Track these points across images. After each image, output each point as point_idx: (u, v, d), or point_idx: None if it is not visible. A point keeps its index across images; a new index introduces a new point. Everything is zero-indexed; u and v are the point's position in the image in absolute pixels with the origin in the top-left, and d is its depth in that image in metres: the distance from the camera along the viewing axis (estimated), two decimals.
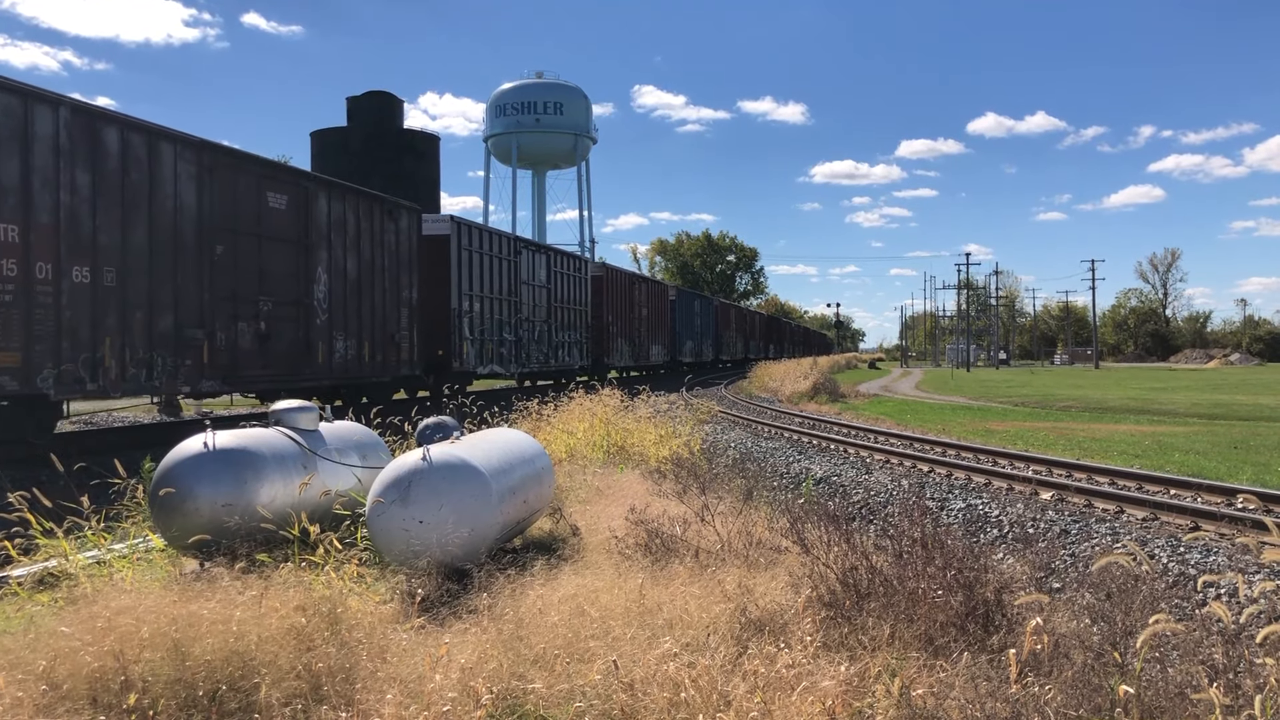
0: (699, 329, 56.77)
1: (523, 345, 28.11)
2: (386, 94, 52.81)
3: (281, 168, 17.63)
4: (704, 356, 58.57)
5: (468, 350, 24.15)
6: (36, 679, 4.10)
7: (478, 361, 24.78)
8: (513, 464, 7.36)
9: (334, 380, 18.64)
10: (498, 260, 26.29)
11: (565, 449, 12.61)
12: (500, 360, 26.34)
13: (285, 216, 16.91)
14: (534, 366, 29.42)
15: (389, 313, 20.67)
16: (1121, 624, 4.23)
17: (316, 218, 17.87)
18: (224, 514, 6.43)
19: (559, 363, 31.65)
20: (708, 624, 4.91)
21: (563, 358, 32.08)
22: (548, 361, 30.52)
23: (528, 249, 29.34)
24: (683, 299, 53.54)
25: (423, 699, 4.01)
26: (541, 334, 30.03)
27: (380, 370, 20.28)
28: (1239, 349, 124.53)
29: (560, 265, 32.40)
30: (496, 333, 26.05)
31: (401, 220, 21.52)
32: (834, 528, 5.80)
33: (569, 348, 32.87)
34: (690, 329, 54.36)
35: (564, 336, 32.37)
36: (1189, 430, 22.12)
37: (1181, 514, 10.23)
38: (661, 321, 46.84)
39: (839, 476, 14.56)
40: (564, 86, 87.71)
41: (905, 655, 4.54)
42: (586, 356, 34.78)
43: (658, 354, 45.90)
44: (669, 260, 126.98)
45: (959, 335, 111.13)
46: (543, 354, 30.05)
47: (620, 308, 39.24)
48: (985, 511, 11.32)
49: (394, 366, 20.87)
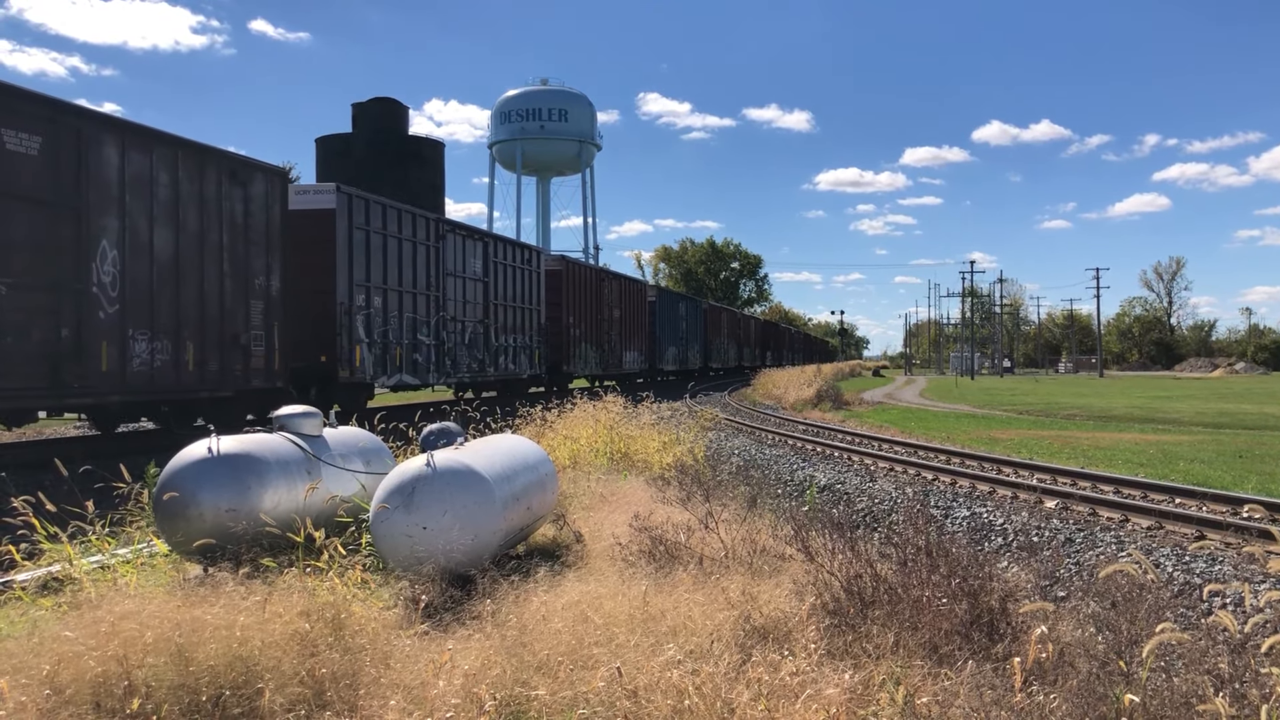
0: (684, 334, 52.35)
1: (448, 350, 23.52)
2: (391, 100, 52.94)
3: (29, 96, 12.33)
4: (690, 364, 53.94)
5: (362, 356, 19.50)
6: (40, 683, 4.10)
7: (378, 370, 20.29)
8: (516, 470, 7.36)
9: (130, 394, 13.91)
10: (410, 245, 21.69)
11: (569, 455, 12.61)
12: (414, 368, 21.87)
13: (34, 166, 12.10)
14: (464, 375, 24.73)
15: (231, 306, 15.63)
16: (1127, 633, 4.22)
17: (99, 172, 13.09)
18: (228, 519, 6.43)
19: (500, 370, 27.12)
20: (711, 631, 4.91)
21: (506, 365, 27.37)
22: (484, 369, 25.89)
23: (456, 233, 24.50)
24: (665, 300, 49.08)
25: (426, 705, 4.00)
26: (476, 337, 25.35)
27: (216, 382, 15.41)
28: (1244, 358, 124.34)
29: (502, 255, 27.40)
30: (408, 334, 21.57)
31: (254, 185, 16.39)
32: (838, 535, 5.79)
33: (515, 353, 28.11)
34: (674, 334, 50.03)
35: (508, 340, 27.59)
36: (1194, 439, 22.07)
37: (1187, 523, 10.20)
38: (638, 325, 42.10)
39: (843, 484, 14.54)
40: (568, 93, 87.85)
41: (910, 663, 4.53)
42: (539, 364, 30.15)
43: (633, 361, 41.02)
44: (673, 267, 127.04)
45: (963, 343, 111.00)
46: (477, 361, 25.36)
47: (585, 308, 34.60)
48: (990, 520, 11.30)
49: (238, 378, 15.85)
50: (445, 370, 23.45)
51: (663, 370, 48.16)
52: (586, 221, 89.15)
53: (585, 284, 35.02)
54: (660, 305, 46.89)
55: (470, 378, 25.33)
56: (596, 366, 35.82)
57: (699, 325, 56.48)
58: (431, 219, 22.99)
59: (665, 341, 47.69)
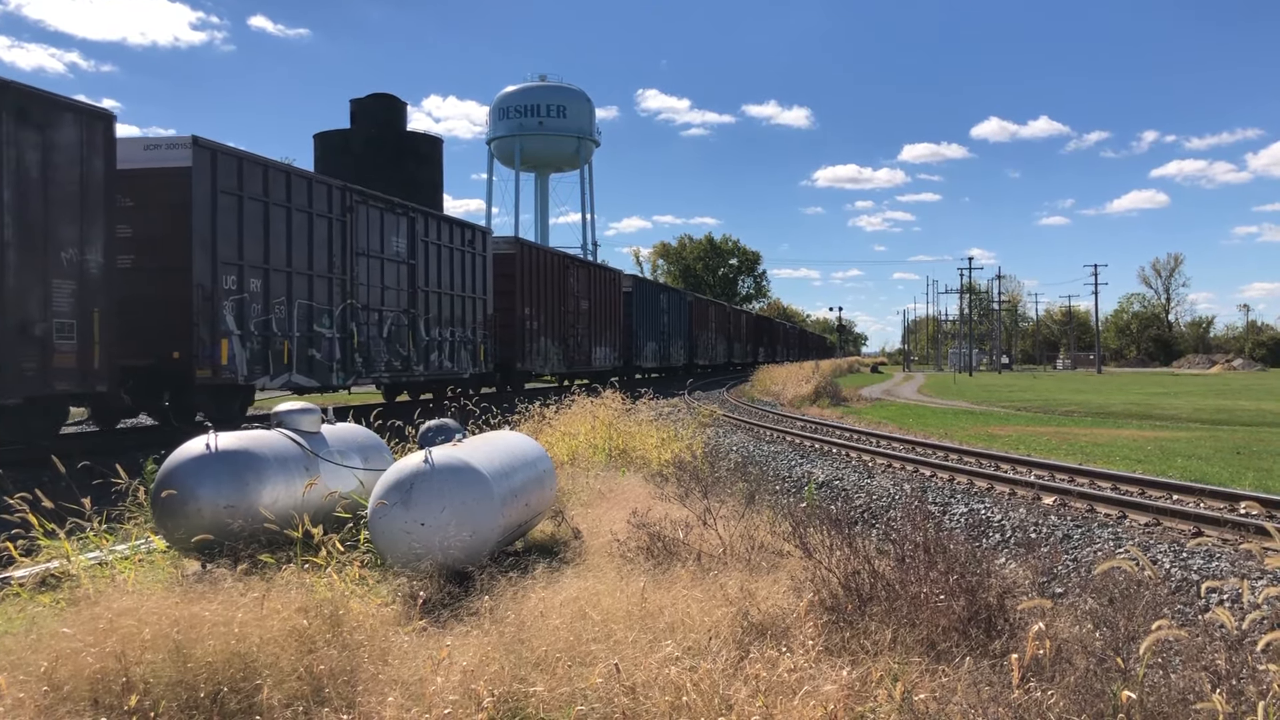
0: (666, 328, 48.27)
1: (359, 345, 19.70)
2: (389, 96, 52.86)
3: None
4: (672, 361, 49.83)
5: (232, 352, 15.71)
6: (38, 680, 4.10)
7: (257, 369, 16.51)
8: (515, 467, 7.36)
9: None
10: (306, 216, 17.68)
11: (567, 452, 12.61)
12: (310, 367, 18.03)
13: None
14: (382, 375, 20.98)
15: (17, 286, 11.90)
16: (1124, 629, 4.22)
17: None
18: (226, 515, 6.43)
19: (433, 369, 23.04)
20: (709, 628, 4.91)
21: (440, 362, 23.32)
22: (410, 368, 22.00)
23: (371, 205, 20.46)
24: (643, 292, 44.89)
25: (424, 701, 4.01)
26: (398, 330, 21.47)
27: None
28: (1242, 354, 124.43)
29: (435, 233, 23.15)
30: (302, 326, 17.67)
31: (61, 131, 12.53)
32: (836, 532, 5.80)
33: (455, 349, 24.10)
34: (654, 328, 45.90)
35: (445, 334, 23.54)
36: (1192, 436, 22.09)
37: (1184, 519, 10.21)
38: (611, 318, 38.00)
39: (841, 480, 14.54)
40: (567, 89, 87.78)
41: (907, 660, 4.53)
42: (486, 361, 25.95)
43: (604, 358, 36.86)
44: (671, 264, 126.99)
45: (961, 340, 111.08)
46: (400, 358, 21.62)
47: (546, 298, 30.41)
48: (987, 516, 11.31)
49: (31, 379, 12.16)
50: (354, 369, 19.42)
51: (641, 368, 44.22)
52: (585, 218, 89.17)
53: (546, 271, 30.58)
54: (638, 297, 42.94)
55: (391, 377, 21.62)
56: (560, 364, 31.72)
57: (683, 319, 52.81)
58: (337, 186, 18.91)
59: (643, 336, 43.68)
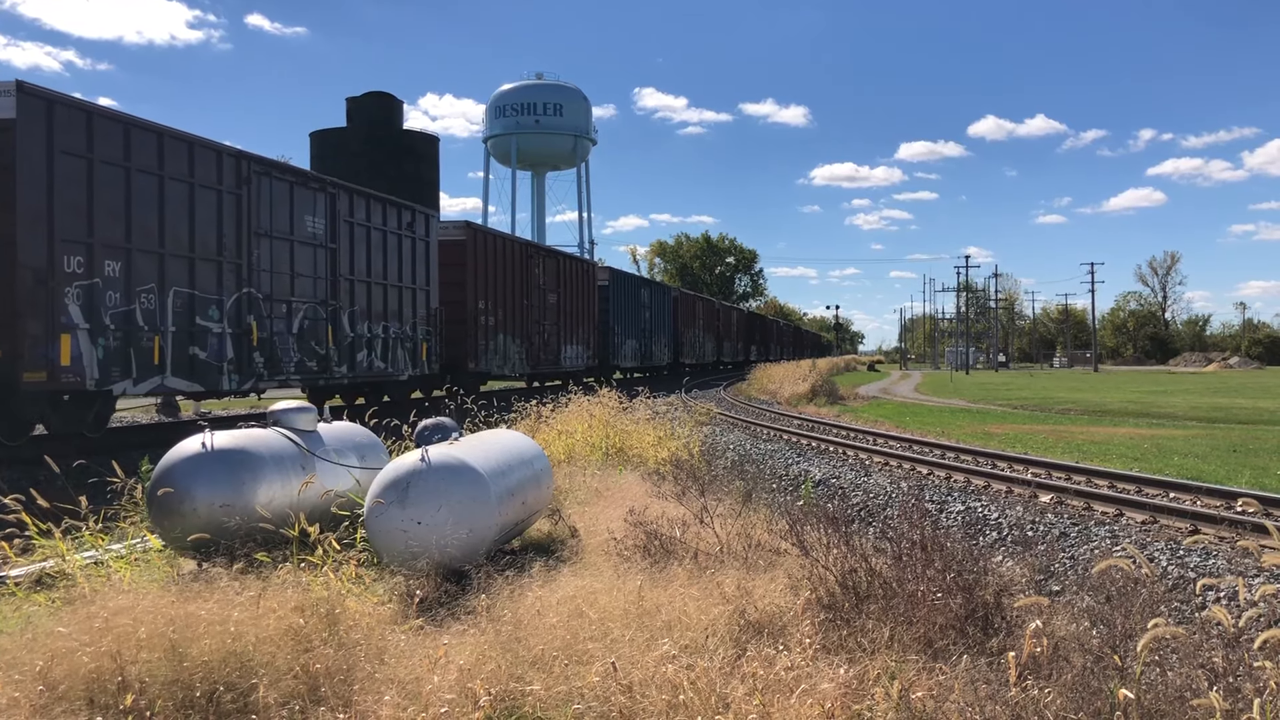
0: (648, 325, 44.90)
1: (261, 342, 16.59)
2: (386, 95, 52.83)
3: None
4: (655, 360, 46.54)
5: (77, 350, 12.88)
6: (33, 679, 4.09)
7: (115, 370, 13.59)
8: (511, 465, 7.35)
9: None
10: (186, 187, 14.80)
11: (564, 451, 12.61)
12: (191, 368, 14.96)
13: None
14: (292, 376, 17.63)
15: None
16: (1121, 627, 4.23)
17: None
18: (222, 514, 6.42)
19: (361, 369, 19.91)
20: (706, 626, 4.91)
21: (370, 362, 20.21)
22: (329, 368, 18.61)
23: (277, 178, 17.17)
24: (621, 286, 41.23)
25: (421, 700, 4.00)
26: (314, 324, 18.20)
27: None
28: (1238, 352, 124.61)
29: (361, 213, 20.01)
30: (180, 319, 14.79)
31: None
32: (833, 530, 5.79)
33: (389, 347, 20.94)
34: (634, 325, 42.50)
35: (375, 330, 20.40)
36: (1188, 434, 22.12)
37: (1181, 517, 10.22)
38: (584, 313, 34.74)
39: (838, 479, 14.55)
40: (563, 88, 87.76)
41: (904, 658, 4.53)
42: (429, 360, 22.74)
43: (576, 357, 33.44)
44: (668, 262, 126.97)
45: (958, 338, 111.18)
46: (317, 357, 18.27)
47: (505, 290, 26.90)
48: (984, 514, 11.31)
49: None
50: (253, 370, 16.23)
51: (619, 367, 40.22)
52: (582, 216, 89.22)
53: (505, 260, 27.03)
54: (615, 291, 39.48)
55: (305, 380, 18.13)
56: (522, 364, 28.35)
57: (667, 315, 49.55)
58: (230, 154, 15.96)
59: (622, 334, 40.31)
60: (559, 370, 32.28)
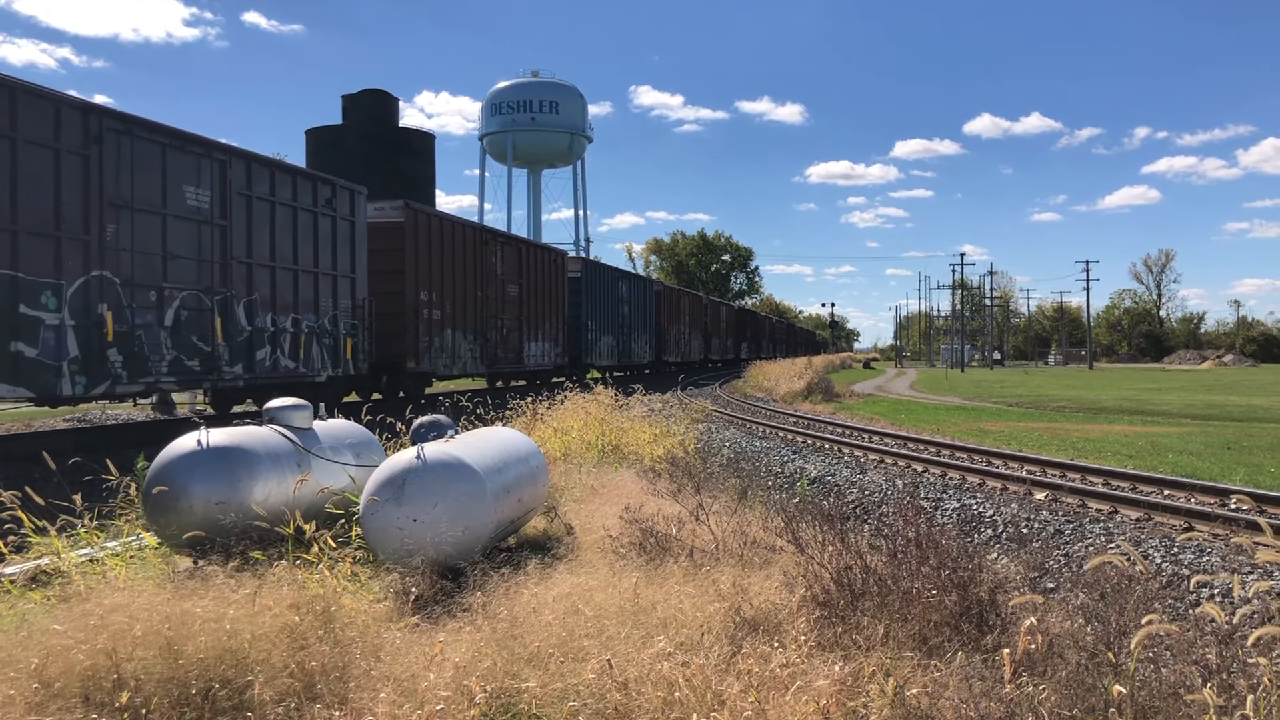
0: (627, 320, 41.69)
1: (120, 337, 13.45)
2: (382, 92, 52.79)
3: None
4: (635, 358, 43.33)
5: None
6: (28, 677, 4.09)
7: None
8: (507, 462, 7.35)
9: None
10: (5, 144, 11.93)
11: (560, 448, 12.61)
12: (18, 369, 11.93)
13: None
14: (164, 378, 14.34)
15: None
16: (1115, 624, 4.24)
17: None
18: (218, 512, 6.41)
19: (262, 370, 16.53)
20: (702, 623, 4.91)
21: (277, 362, 16.94)
22: (218, 367, 15.32)
23: (139, 136, 14.08)
24: (596, 277, 37.94)
25: (416, 697, 4.00)
26: (197, 315, 14.96)
27: None
28: (1232, 350, 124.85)
29: (267, 188, 16.78)
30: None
31: None
32: (828, 527, 5.80)
33: (302, 344, 17.58)
34: (610, 320, 39.21)
35: (282, 323, 17.03)
36: (1183, 431, 22.16)
37: (1175, 514, 10.24)
38: (551, 307, 31.39)
39: (834, 476, 14.56)
40: (559, 85, 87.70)
41: (900, 655, 4.54)
42: (356, 358, 19.47)
43: (542, 354, 30.39)
44: (664, 259, 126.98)
45: (954, 336, 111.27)
46: (202, 354, 15.05)
47: (455, 281, 23.88)
48: (979, 511, 11.33)
49: None
50: (108, 371, 13.31)
51: (593, 366, 37.70)
52: (578, 214, 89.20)
53: (454, 246, 23.99)
54: (588, 283, 36.32)
55: (183, 380, 14.90)
56: (476, 363, 25.36)
57: (649, 310, 46.51)
58: (73, 105, 13.00)
59: (597, 330, 37.30)
60: (521, 369, 29.34)
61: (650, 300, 46.81)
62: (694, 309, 58.04)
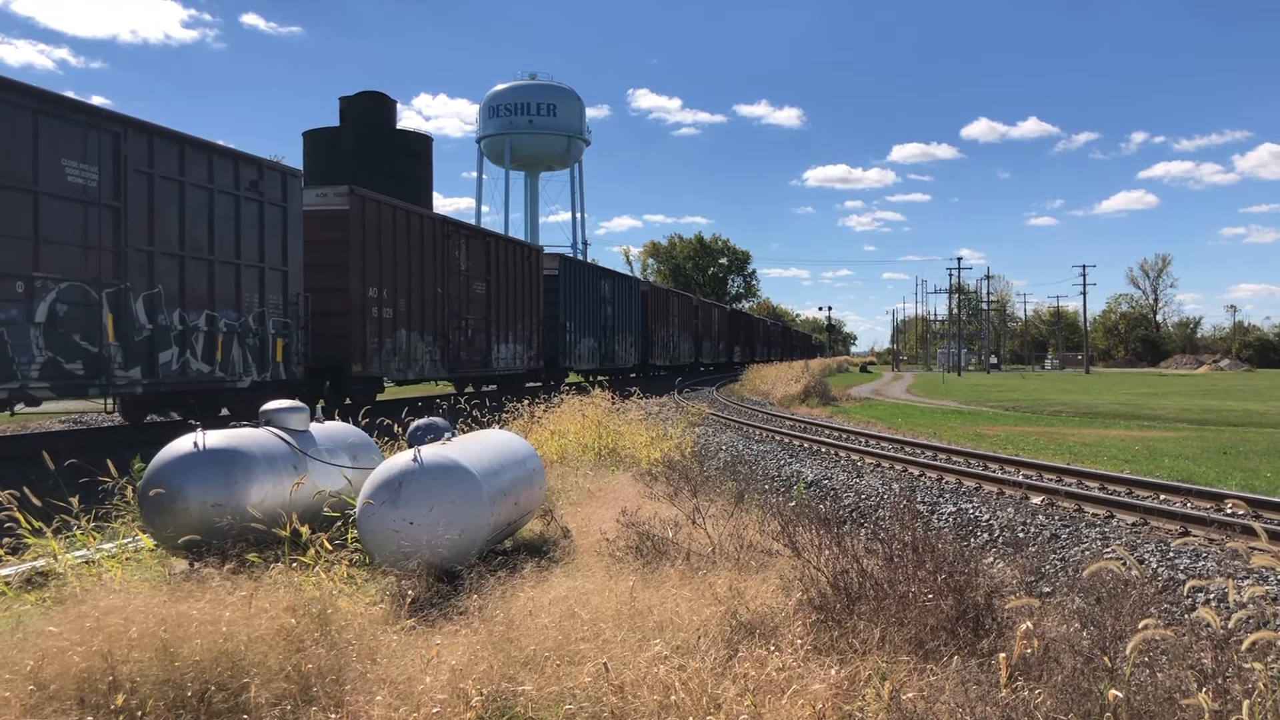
0: (610, 322, 39.83)
1: None
2: (379, 94, 52.80)
3: None
4: (619, 361, 41.28)
5: None
6: (24, 679, 4.08)
7: None
8: (504, 465, 7.35)
9: None
10: None
11: (557, 451, 12.61)
12: None
13: None
14: (35, 383, 12.28)
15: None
16: (1111, 628, 4.24)
17: None
18: (214, 514, 6.41)
19: (169, 374, 14.56)
20: (698, 627, 4.91)
21: (186, 365, 14.91)
22: (107, 371, 13.35)
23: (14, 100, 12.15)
24: (575, 276, 35.86)
25: (412, 700, 4.00)
26: (75, 310, 12.95)
27: None
28: (1229, 355, 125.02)
29: (174, 166, 14.71)
30: None
31: None
32: (825, 531, 5.80)
33: (220, 345, 15.57)
34: (592, 321, 37.40)
35: (194, 319, 15.05)
36: (1179, 435, 22.19)
37: (1171, 519, 10.26)
38: (525, 306, 29.45)
39: (830, 480, 14.57)
40: (557, 88, 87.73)
41: (896, 659, 4.54)
42: (288, 361, 17.41)
43: (513, 357, 28.34)
44: (662, 263, 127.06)
45: (950, 339, 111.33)
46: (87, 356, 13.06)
47: (411, 276, 21.90)
48: (976, 515, 11.34)
49: None
50: None
51: (573, 369, 35.76)
52: (575, 217, 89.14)
53: (411, 239, 22.05)
54: (567, 282, 34.35)
55: (59, 386, 12.76)
56: (435, 365, 23.30)
57: (634, 311, 44.28)
58: None
59: (576, 331, 35.28)
60: (489, 373, 27.35)
61: (636, 301, 44.83)
62: (684, 310, 56.24)
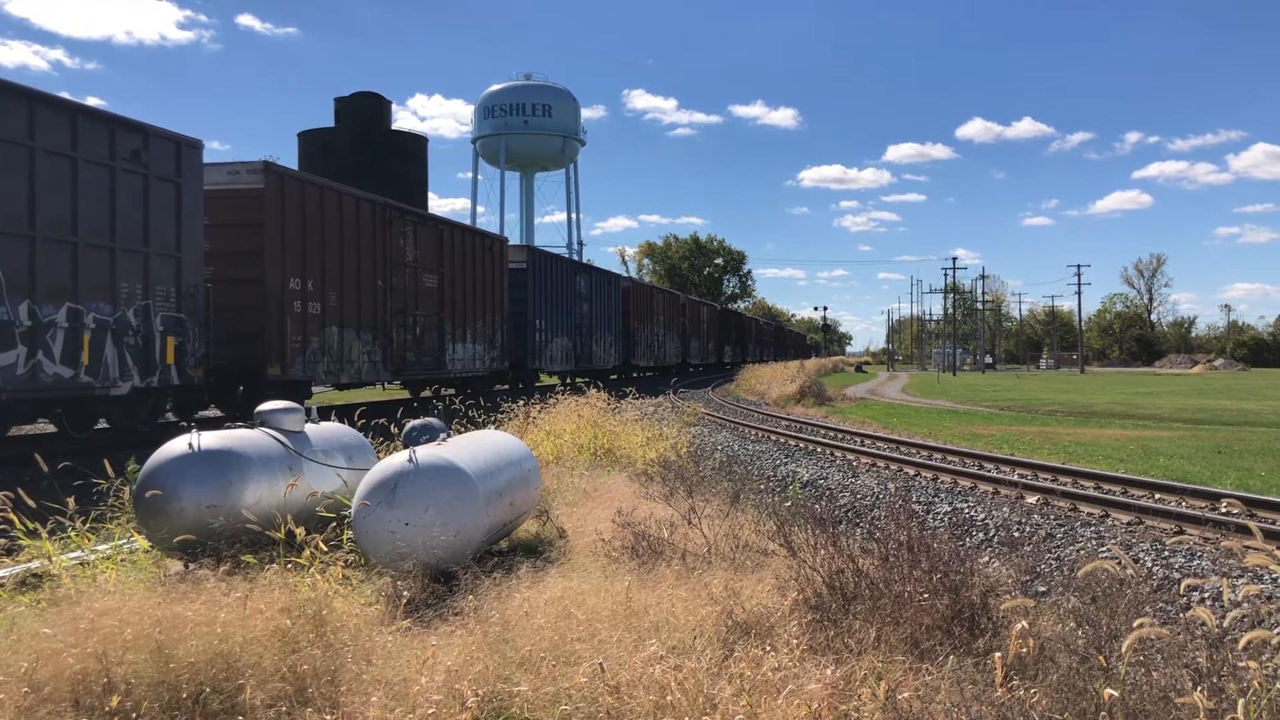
0: (586, 320, 37.22)
1: None
2: (374, 95, 52.78)
3: None
4: (596, 362, 38.52)
5: None
6: (18, 681, 4.07)
7: None
8: (500, 466, 7.34)
9: None
10: None
11: (553, 451, 12.61)
12: None
13: None
14: None
15: None
16: (1106, 628, 4.24)
17: None
18: (209, 515, 6.40)
19: (16, 382, 12.15)
20: (694, 627, 4.91)
21: (40, 369, 12.49)
22: None
23: None
24: (545, 270, 32.91)
25: (408, 701, 3.99)
26: None
27: None
28: (1223, 354, 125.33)
29: (19, 129, 12.28)
30: None
31: None
32: (820, 531, 5.80)
33: (87, 344, 13.22)
34: (566, 319, 34.71)
35: (50, 314, 12.64)
36: (1174, 435, 22.23)
37: (1166, 518, 10.27)
38: (486, 301, 26.73)
39: (826, 480, 14.57)
40: (552, 89, 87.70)
41: (891, 658, 4.54)
42: (180, 363, 14.97)
43: (472, 357, 25.82)
44: (657, 263, 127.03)
45: (945, 339, 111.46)
46: None
47: (344, 266, 19.44)
48: (971, 515, 11.35)
49: None
50: None
51: (545, 370, 33.59)
52: (570, 217, 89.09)
53: (344, 224, 19.46)
54: (536, 276, 31.44)
55: None
56: (374, 367, 20.90)
57: (615, 309, 41.56)
58: None
59: (547, 330, 32.51)
60: (442, 376, 24.65)
61: (617, 298, 42.08)
62: (670, 309, 53.33)
